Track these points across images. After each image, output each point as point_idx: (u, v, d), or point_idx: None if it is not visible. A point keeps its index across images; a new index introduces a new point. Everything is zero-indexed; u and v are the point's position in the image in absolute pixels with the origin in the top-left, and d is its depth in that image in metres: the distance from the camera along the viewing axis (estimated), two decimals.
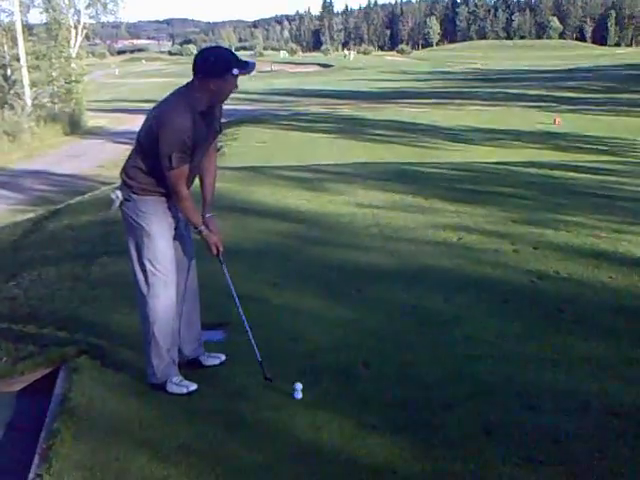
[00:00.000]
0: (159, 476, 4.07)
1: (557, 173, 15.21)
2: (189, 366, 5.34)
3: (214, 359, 5.48)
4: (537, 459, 4.16)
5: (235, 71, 4.67)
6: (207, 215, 5.12)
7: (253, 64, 4.86)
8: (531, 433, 4.43)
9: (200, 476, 4.07)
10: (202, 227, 5.00)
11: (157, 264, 4.88)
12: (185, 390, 5.03)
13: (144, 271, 4.90)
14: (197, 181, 5.16)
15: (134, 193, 4.84)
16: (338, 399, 4.94)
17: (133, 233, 4.91)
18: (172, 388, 5.03)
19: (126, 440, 4.40)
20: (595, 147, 25.08)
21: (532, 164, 17.15)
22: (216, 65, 4.70)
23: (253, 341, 5.16)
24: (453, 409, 4.77)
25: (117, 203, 4.92)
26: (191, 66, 4.80)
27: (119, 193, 4.89)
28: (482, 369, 5.36)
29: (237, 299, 5.25)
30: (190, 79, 4.80)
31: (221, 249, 5.16)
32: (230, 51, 4.86)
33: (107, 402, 4.89)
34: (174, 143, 4.60)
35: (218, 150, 5.88)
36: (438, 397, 4.94)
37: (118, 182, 5.03)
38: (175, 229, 5.04)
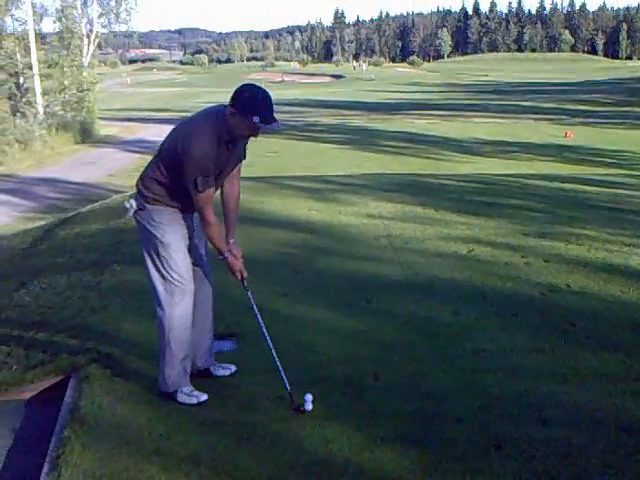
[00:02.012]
0: None
1: (568, 186, 15.17)
2: (200, 376, 5.33)
3: (225, 370, 5.48)
4: (547, 474, 4.13)
5: (255, 119, 4.68)
6: (231, 241, 5.10)
7: (278, 124, 4.84)
8: (541, 447, 4.40)
9: None
10: (227, 253, 5.00)
11: (173, 273, 4.89)
12: (195, 400, 5.03)
13: (162, 278, 4.92)
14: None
15: (148, 203, 4.86)
16: (348, 411, 4.92)
17: (148, 242, 4.93)
18: (182, 398, 5.03)
19: (135, 450, 4.39)
20: (607, 160, 25.05)
21: (543, 177, 17.14)
22: (246, 102, 4.73)
23: (282, 372, 5.11)
24: (463, 422, 4.75)
25: (131, 212, 4.94)
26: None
27: (133, 202, 4.91)
28: (492, 382, 5.34)
29: (264, 328, 5.21)
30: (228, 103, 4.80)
31: (245, 275, 5.17)
32: (268, 98, 4.80)
33: (117, 411, 4.88)
34: (199, 167, 4.63)
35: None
36: (448, 410, 4.92)
37: (132, 191, 5.04)
38: (190, 238, 5.03)
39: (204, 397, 5.06)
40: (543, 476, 4.11)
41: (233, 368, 5.51)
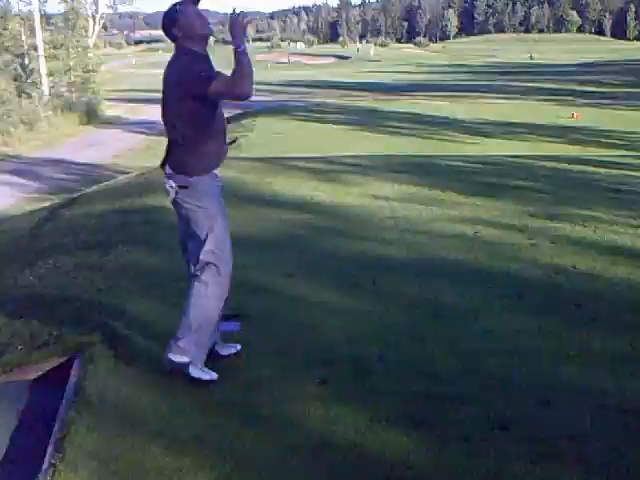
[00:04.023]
0: (173, 467, 4.06)
1: (575, 167, 15.12)
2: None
3: (230, 348, 5.45)
4: (553, 455, 4.13)
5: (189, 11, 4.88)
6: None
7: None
8: (547, 429, 4.41)
9: (214, 467, 4.06)
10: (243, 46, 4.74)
11: (222, 245, 4.96)
12: (208, 377, 5.00)
13: (211, 253, 4.91)
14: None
15: (190, 176, 4.85)
16: (352, 392, 4.92)
17: (197, 219, 4.91)
18: (196, 372, 4.98)
19: (140, 431, 4.39)
20: (614, 141, 24.90)
21: (550, 158, 17.05)
22: (178, 19, 4.89)
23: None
24: (468, 404, 4.74)
25: (172, 194, 4.92)
26: None
27: (172, 183, 4.89)
28: (497, 364, 5.33)
29: None
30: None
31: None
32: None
33: (121, 392, 4.88)
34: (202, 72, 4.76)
35: (233, 141, 6.01)
36: (453, 391, 4.91)
37: (136, 171, 5.02)
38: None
39: (215, 375, 5.03)
40: (548, 458, 4.11)
41: (238, 347, 5.49)
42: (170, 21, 4.82)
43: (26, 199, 18.61)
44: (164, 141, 5.08)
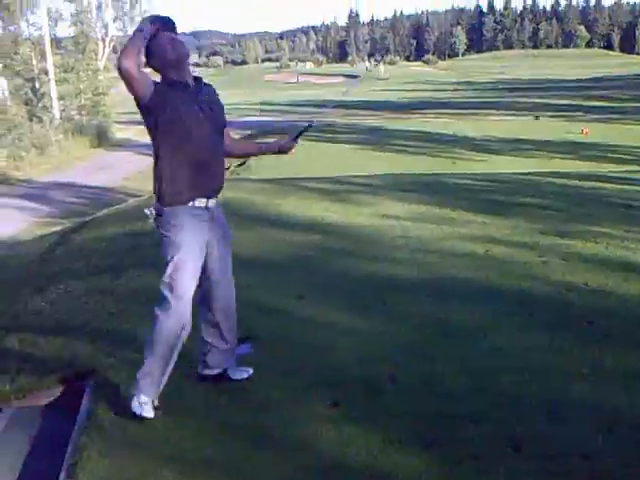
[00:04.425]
0: None
1: (586, 184, 15.09)
2: (216, 381, 5.31)
3: (242, 372, 5.42)
4: (566, 474, 4.10)
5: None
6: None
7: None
8: (559, 447, 4.38)
9: None
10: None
11: (178, 276, 4.70)
12: (145, 414, 4.76)
13: (166, 284, 4.73)
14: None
15: (164, 205, 4.74)
16: (364, 413, 4.90)
17: (165, 248, 4.79)
18: (134, 406, 4.77)
19: (152, 455, 4.39)
20: (624, 157, 24.93)
21: (560, 174, 17.05)
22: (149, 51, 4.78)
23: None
24: (480, 423, 4.72)
25: (151, 219, 4.85)
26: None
27: (152, 209, 4.81)
28: (508, 382, 5.30)
29: None
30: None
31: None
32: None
33: (132, 417, 4.88)
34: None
35: (243, 163, 6.10)
36: (465, 411, 4.89)
37: (147, 194, 5.05)
38: (212, 247, 4.93)
39: (152, 415, 4.79)
40: (560, 475, 4.09)
41: (251, 371, 5.44)
42: (147, 52, 4.70)
43: (37, 223, 18.68)
44: None
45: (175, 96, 4.66)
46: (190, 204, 4.75)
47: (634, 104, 49.98)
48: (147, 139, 4.81)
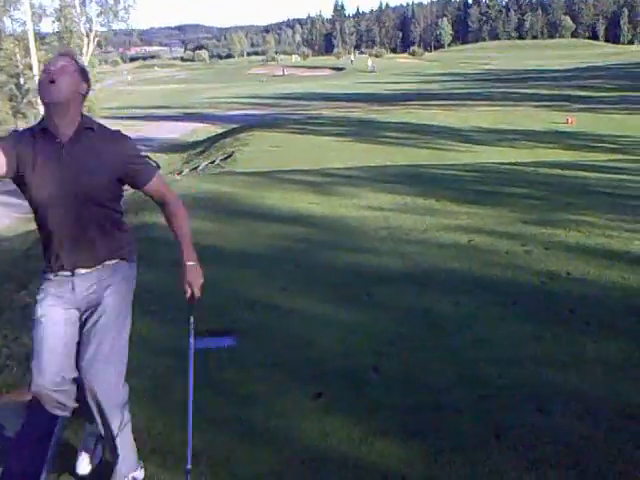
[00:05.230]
0: None
1: (569, 173, 15.16)
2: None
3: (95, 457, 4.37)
4: (548, 462, 4.13)
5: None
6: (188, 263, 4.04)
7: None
8: (542, 436, 4.41)
9: None
10: None
11: (34, 352, 4.02)
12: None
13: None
14: None
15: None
16: (348, 404, 4.92)
17: None
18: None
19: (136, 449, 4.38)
20: (608, 146, 24.98)
21: (544, 164, 17.10)
22: None
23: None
24: (463, 413, 4.75)
25: None
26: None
27: None
28: (492, 372, 5.34)
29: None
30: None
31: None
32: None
33: None
34: None
35: (229, 156, 5.56)
36: (448, 401, 4.91)
37: (129, 189, 4.70)
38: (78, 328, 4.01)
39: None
40: (544, 465, 4.12)
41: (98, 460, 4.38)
42: None
43: (22, 219, 18.55)
44: (161, 158, 5.10)
45: (35, 151, 3.71)
46: (49, 277, 4.03)
47: (618, 93, 50.04)
48: (133, 134, 4.63)
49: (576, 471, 4.06)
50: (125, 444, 4.04)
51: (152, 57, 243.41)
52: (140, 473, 4.16)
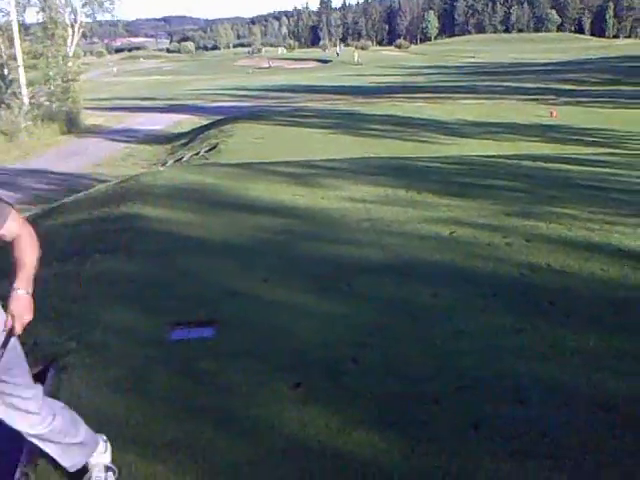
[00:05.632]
0: (146, 473, 4.06)
1: (551, 166, 15.18)
2: None
3: None
4: (525, 453, 4.16)
5: None
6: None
7: None
8: (519, 427, 4.43)
9: (187, 473, 4.06)
10: None
11: None
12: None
13: None
14: None
15: None
16: (326, 395, 4.93)
17: None
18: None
19: (114, 438, 4.36)
20: (591, 139, 25.05)
21: (526, 157, 17.13)
22: None
23: None
24: (441, 404, 4.76)
25: None
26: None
27: None
28: (471, 363, 5.36)
29: None
30: None
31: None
32: None
33: (96, 400, 4.88)
34: None
35: (214, 147, 5.59)
36: (426, 392, 4.93)
37: (113, 179, 4.80)
38: None
39: None
40: (520, 455, 4.14)
41: None
42: None
43: None
44: (146, 149, 5.09)
45: None
46: None
47: (603, 87, 50.23)
48: (118, 125, 4.63)
49: (553, 461, 4.08)
50: (72, 440, 4.02)
51: (138, 48, 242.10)
52: (102, 447, 4.16)
